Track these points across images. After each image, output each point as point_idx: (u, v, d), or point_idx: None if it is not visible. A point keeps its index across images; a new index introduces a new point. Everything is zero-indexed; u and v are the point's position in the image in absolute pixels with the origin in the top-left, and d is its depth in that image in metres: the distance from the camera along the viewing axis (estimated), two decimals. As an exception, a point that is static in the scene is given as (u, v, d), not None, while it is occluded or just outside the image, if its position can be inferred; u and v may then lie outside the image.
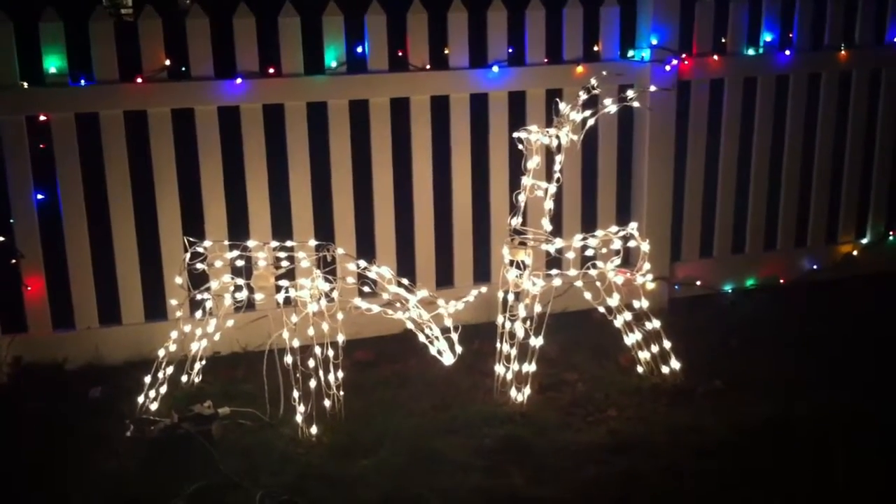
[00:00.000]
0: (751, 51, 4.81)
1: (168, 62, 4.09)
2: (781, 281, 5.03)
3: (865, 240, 5.23)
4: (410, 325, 3.55)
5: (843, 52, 4.91)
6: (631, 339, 3.91)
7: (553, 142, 3.81)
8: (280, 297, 3.60)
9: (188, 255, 3.72)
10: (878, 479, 3.20)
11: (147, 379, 3.70)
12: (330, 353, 3.56)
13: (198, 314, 3.85)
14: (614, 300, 3.85)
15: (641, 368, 3.95)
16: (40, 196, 4.09)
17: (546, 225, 3.89)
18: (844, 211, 5.17)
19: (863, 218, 5.22)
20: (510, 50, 4.48)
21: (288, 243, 3.74)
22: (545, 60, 4.54)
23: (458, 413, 3.68)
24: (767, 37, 4.83)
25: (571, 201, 4.67)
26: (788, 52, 4.84)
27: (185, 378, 3.90)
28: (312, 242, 3.75)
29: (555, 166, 3.87)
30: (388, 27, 4.32)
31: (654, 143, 4.66)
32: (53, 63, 3.98)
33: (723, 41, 4.80)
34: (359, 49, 4.37)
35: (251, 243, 3.74)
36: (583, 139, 4.00)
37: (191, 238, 3.78)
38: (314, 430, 3.48)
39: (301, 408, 3.51)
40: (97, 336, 4.18)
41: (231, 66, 4.17)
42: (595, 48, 4.61)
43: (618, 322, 3.89)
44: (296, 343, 3.54)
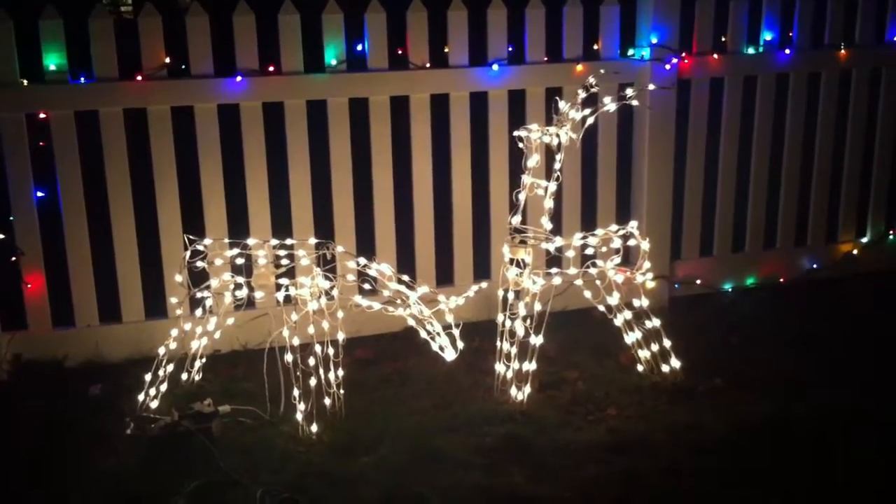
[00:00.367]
0: (751, 50, 4.82)
1: (168, 60, 4.09)
2: (781, 280, 5.03)
3: (865, 238, 5.23)
4: (411, 322, 3.55)
5: (844, 51, 4.91)
6: (631, 338, 3.91)
7: (553, 140, 3.81)
8: (280, 296, 3.59)
9: (188, 253, 3.71)
10: (878, 478, 3.19)
11: (147, 377, 3.71)
12: (330, 351, 3.56)
13: (198, 312, 3.84)
14: (614, 299, 3.85)
15: (641, 367, 3.95)
16: (40, 194, 4.09)
17: (546, 223, 3.88)
18: (844, 210, 5.17)
19: (863, 217, 5.22)
20: (510, 48, 4.48)
21: (288, 241, 3.74)
22: (545, 59, 4.54)
23: (459, 411, 3.68)
24: (767, 36, 4.83)
25: (571, 200, 4.67)
26: (788, 51, 4.84)
27: (186, 376, 3.90)
28: (312, 240, 3.75)
29: (555, 165, 3.87)
30: (388, 25, 4.32)
31: (654, 142, 4.66)
32: (53, 61, 3.98)
33: (723, 40, 4.80)
34: (359, 47, 4.37)
35: (251, 241, 3.73)
36: (583, 138, 3.99)
37: (191, 236, 3.78)
38: (314, 428, 3.48)
39: (301, 406, 3.51)
40: (97, 334, 4.18)
41: (231, 64, 4.17)
42: (595, 47, 4.61)
43: (618, 321, 3.89)
44: (296, 341, 3.54)
